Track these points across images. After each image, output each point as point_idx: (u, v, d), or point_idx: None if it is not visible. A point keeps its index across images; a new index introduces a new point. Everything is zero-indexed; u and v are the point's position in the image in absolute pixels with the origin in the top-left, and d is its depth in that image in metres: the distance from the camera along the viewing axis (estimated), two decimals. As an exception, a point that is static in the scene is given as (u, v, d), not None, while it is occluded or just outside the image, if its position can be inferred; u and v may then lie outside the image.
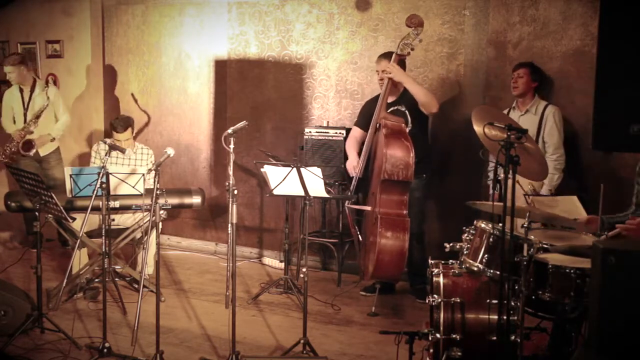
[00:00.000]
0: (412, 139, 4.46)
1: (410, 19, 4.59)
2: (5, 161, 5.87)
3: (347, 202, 4.91)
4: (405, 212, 4.46)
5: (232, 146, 3.68)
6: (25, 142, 5.89)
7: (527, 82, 4.69)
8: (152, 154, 5.38)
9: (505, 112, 4.78)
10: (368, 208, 4.71)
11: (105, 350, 3.75)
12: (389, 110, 4.74)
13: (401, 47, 4.60)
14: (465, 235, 3.46)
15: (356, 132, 5.04)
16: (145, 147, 5.39)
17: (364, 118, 4.94)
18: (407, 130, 4.59)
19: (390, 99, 4.79)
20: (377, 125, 4.62)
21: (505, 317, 3.03)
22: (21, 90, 6.01)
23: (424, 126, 4.87)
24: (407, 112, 4.75)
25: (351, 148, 4.99)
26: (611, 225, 3.25)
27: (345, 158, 5.09)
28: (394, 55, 4.64)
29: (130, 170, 4.83)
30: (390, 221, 4.40)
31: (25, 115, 5.98)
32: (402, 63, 4.74)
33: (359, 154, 4.88)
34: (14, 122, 6.03)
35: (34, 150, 5.93)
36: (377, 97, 4.80)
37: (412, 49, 4.61)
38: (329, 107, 5.76)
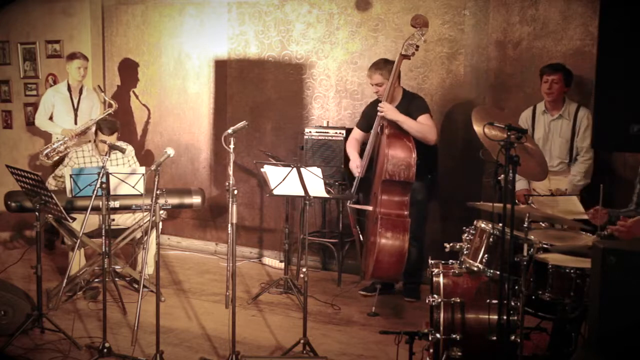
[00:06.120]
0: (415, 141, 4.46)
1: (415, 19, 4.56)
2: (44, 160, 5.73)
3: (348, 201, 4.91)
4: (406, 212, 4.46)
5: (232, 146, 3.68)
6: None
7: (561, 88, 4.49)
8: (132, 148, 5.32)
9: (529, 112, 4.67)
10: (370, 208, 4.71)
11: (105, 350, 3.75)
12: None
13: (406, 47, 4.55)
14: (465, 235, 3.47)
15: (357, 133, 5.05)
16: (125, 143, 5.29)
17: (365, 120, 4.96)
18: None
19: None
20: (380, 125, 4.63)
21: (505, 317, 3.03)
22: (69, 90, 5.90)
23: None
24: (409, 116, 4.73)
25: (352, 149, 4.99)
26: (617, 219, 3.24)
27: (346, 159, 5.09)
28: (398, 56, 4.57)
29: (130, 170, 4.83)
30: (390, 221, 4.40)
31: (76, 116, 5.88)
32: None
33: (360, 155, 4.89)
34: (52, 120, 5.90)
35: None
36: (379, 100, 4.81)
37: (417, 49, 4.57)
38: (329, 107, 5.76)
